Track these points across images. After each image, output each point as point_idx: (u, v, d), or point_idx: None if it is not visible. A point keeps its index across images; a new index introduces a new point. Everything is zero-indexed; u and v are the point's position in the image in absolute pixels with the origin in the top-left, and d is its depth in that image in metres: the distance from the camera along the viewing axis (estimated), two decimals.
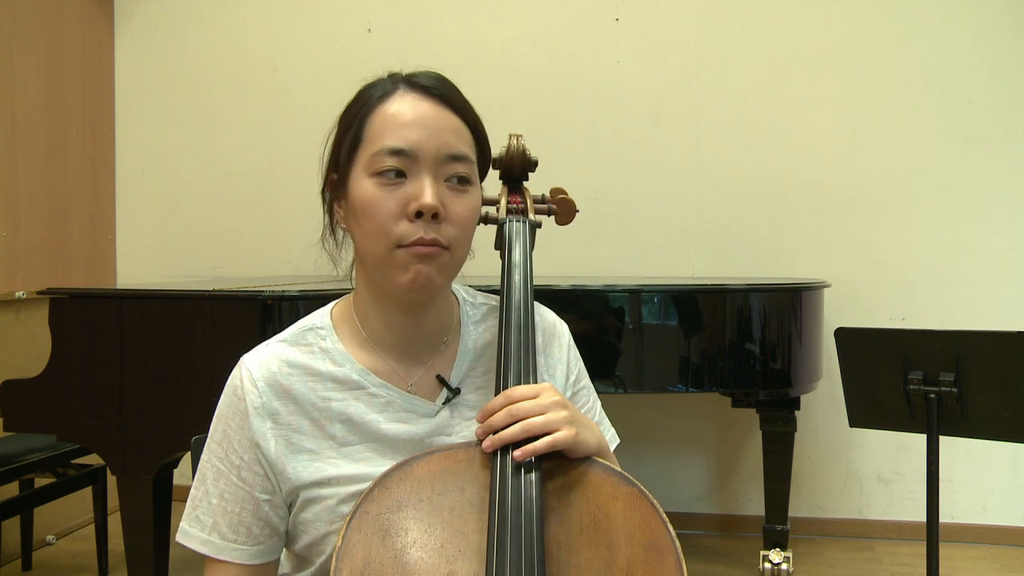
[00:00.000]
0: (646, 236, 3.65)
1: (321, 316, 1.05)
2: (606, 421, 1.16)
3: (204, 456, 1.00)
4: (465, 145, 0.98)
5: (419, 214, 0.93)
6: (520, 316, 1.02)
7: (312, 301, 2.35)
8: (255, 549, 0.97)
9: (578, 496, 0.90)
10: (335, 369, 1.00)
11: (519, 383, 0.96)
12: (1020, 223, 3.40)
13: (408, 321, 1.02)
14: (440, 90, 0.99)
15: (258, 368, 0.98)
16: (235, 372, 1.00)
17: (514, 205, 1.15)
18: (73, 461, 3.01)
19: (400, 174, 0.94)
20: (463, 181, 0.97)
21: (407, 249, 0.93)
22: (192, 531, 0.97)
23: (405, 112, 0.96)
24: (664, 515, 0.90)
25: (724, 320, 2.78)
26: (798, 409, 2.93)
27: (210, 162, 3.97)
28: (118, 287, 3.35)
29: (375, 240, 0.94)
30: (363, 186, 0.95)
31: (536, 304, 1.10)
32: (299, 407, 0.98)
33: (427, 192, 0.93)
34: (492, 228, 1.15)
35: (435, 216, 0.93)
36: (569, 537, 0.88)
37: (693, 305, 2.74)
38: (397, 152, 0.94)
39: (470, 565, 0.85)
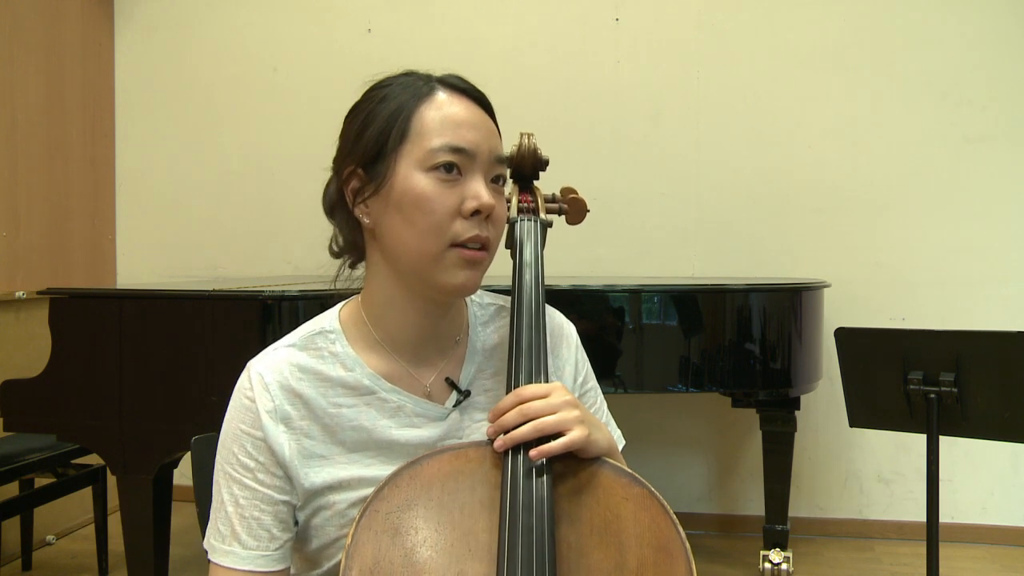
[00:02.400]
0: (646, 236, 3.66)
1: (330, 319, 1.03)
2: (612, 422, 1.15)
3: (216, 466, 0.98)
4: (502, 148, 1.00)
5: (475, 213, 0.94)
6: (531, 315, 1.02)
7: (312, 301, 2.35)
8: (276, 554, 0.95)
9: (589, 497, 0.90)
10: (345, 374, 0.98)
11: (530, 382, 0.96)
12: (1020, 223, 3.41)
13: (427, 323, 1.01)
14: (477, 94, 1.00)
15: (269, 372, 0.97)
16: (243, 377, 0.98)
17: (525, 204, 1.15)
18: (73, 461, 3.01)
19: (454, 170, 0.94)
20: (502, 182, 1.00)
21: (459, 250, 0.94)
22: (217, 544, 0.95)
23: (459, 112, 0.96)
24: (674, 517, 0.90)
25: (724, 320, 2.78)
26: (798, 409, 2.93)
27: (210, 162, 3.97)
28: (118, 287, 3.34)
29: (428, 236, 0.93)
30: (417, 180, 0.93)
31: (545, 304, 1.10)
32: (310, 412, 0.96)
33: (485, 192, 0.94)
34: None
35: (487, 216, 0.95)
36: (580, 538, 0.87)
37: (693, 305, 2.74)
38: (458, 150, 0.94)
39: (480, 565, 0.84)
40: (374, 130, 0.96)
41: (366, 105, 0.99)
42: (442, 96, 0.97)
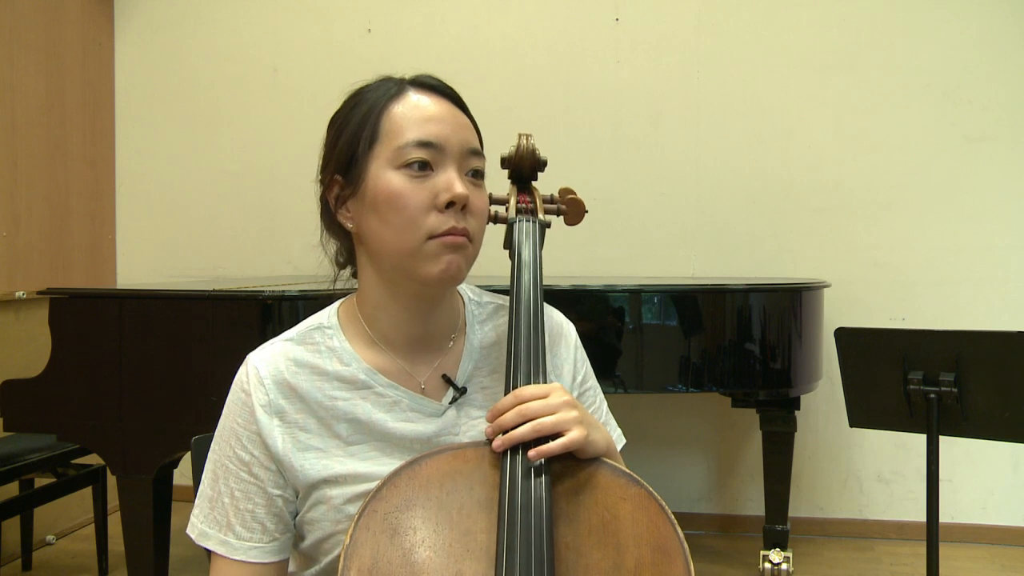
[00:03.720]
0: (646, 236, 3.66)
1: (328, 315, 1.05)
2: (612, 422, 1.16)
3: (212, 455, 1.00)
4: (478, 141, 1.01)
5: (450, 204, 0.94)
6: (530, 316, 1.02)
7: (312, 301, 2.35)
8: (271, 546, 0.97)
9: (587, 497, 0.90)
10: (342, 368, 0.99)
11: (529, 383, 0.96)
12: (1020, 223, 3.40)
13: (418, 320, 1.02)
14: (447, 89, 1.01)
15: (265, 366, 0.98)
16: (241, 370, 1.00)
17: (523, 205, 1.15)
18: (73, 461, 3.01)
19: (426, 166, 0.95)
20: (479, 176, 1.00)
21: (439, 239, 0.94)
22: (211, 531, 0.97)
23: (426, 107, 0.97)
24: (672, 517, 0.90)
25: (724, 320, 2.78)
26: (798, 409, 2.93)
27: (210, 162, 3.97)
28: (118, 287, 3.35)
29: (404, 233, 0.94)
30: (389, 179, 0.94)
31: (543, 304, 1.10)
32: (305, 405, 0.98)
33: (458, 183, 0.95)
34: (500, 228, 1.15)
35: (463, 207, 0.95)
36: (578, 538, 0.87)
37: (693, 305, 2.74)
38: (426, 144, 0.94)
39: (478, 565, 0.85)
40: (347, 134, 0.98)
41: (342, 112, 1.01)
42: (412, 95, 0.98)
